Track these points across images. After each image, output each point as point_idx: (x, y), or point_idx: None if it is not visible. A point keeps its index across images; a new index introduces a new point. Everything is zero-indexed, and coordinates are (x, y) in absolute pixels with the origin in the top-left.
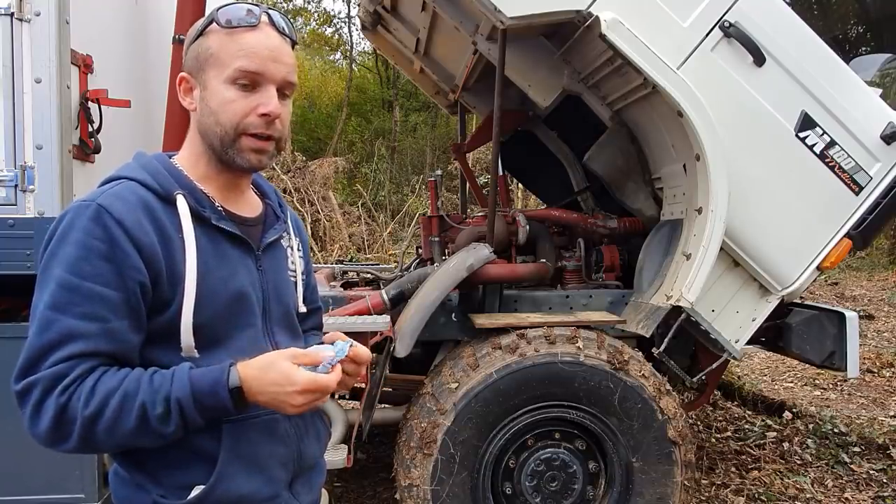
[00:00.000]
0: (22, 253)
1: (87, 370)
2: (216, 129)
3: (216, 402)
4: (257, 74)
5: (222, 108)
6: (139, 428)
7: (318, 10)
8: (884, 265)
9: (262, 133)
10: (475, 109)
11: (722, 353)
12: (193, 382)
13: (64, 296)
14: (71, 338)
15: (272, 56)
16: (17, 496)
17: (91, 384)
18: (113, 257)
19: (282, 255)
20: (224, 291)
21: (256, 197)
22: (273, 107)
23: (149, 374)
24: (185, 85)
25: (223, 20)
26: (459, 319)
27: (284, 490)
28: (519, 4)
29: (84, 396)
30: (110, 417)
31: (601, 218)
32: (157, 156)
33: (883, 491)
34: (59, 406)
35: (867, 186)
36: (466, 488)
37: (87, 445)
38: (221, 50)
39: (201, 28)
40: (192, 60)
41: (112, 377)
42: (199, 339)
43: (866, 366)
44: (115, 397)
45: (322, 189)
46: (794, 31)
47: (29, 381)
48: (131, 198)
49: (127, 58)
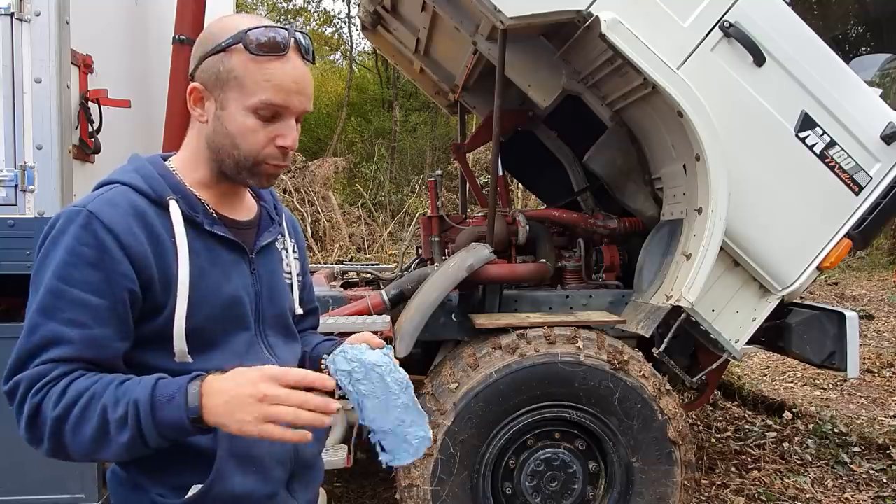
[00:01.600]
0: (22, 253)
1: (64, 373)
2: (233, 152)
3: (174, 409)
4: (281, 107)
5: (242, 136)
6: (99, 433)
7: (318, 10)
8: (884, 265)
9: (281, 164)
10: (475, 109)
11: (722, 353)
12: (158, 387)
13: (50, 301)
14: (54, 342)
15: (297, 89)
16: (17, 496)
17: (63, 385)
18: (101, 264)
19: (276, 257)
20: (217, 296)
21: (252, 199)
22: (291, 141)
23: (120, 379)
24: (196, 95)
25: (253, 47)
26: (459, 319)
27: (282, 489)
28: (519, 4)
29: (55, 397)
30: (75, 420)
31: (601, 218)
32: (151, 159)
33: (883, 491)
34: (32, 406)
35: (867, 186)
36: (466, 488)
37: (59, 448)
38: (247, 76)
39: (224, 45)
40: (210, 75)
41: (85, 380)
42: (192, 343)
43: (866, 366)
44: (82, 398)
45: (322, 189)
46: (794, 32)
47: (14, 381)
48: (123, 203)
49: (127, 58)
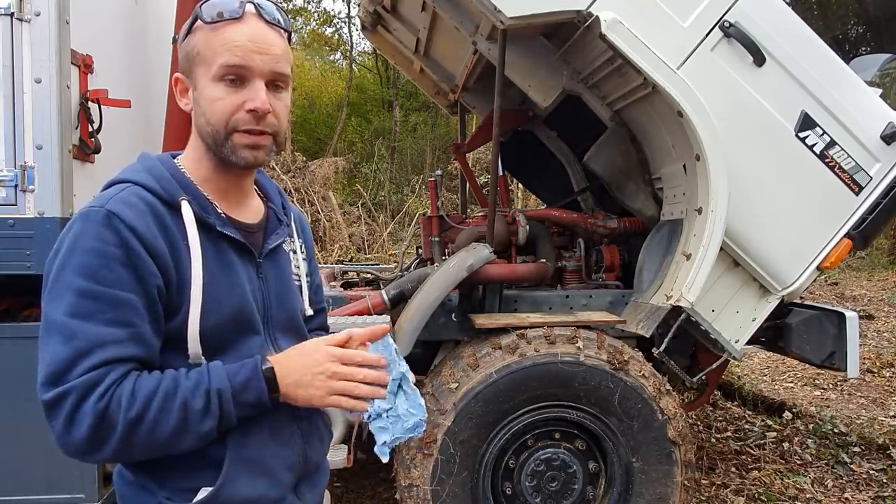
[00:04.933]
0: (22, 253)
1: (121, 375)
2: (208, 128)
3: (253, 390)
4: (242, 68)
5: (210, 106)
6: (180, 427)
7: (318, 10)
8: (884, 265)
9: (254, 129)
10: (475, 109)
11: (722, 353)
12: (230, 374)
13: (87, 304)
14: (100, 345)
15: (257, 48)
16: (17, 496)
17: (130, 388)
18: (131, 263)
19: (284, 260)
20: (228, 299)
21: (259, 200)
22: (260, 102)
23: (183, 372)
24: (180, 86)
25: (206, 15)
26: (459, 319)
27: (290, 493)
28: (519, 4)
29: (125, 400)
30: (153, 419)
31: (601, 218)
32: (161, 158)
33: (883, 491)
34: (97, 412)
35: (867, 186)
36: (466, 488)
37: (124, 451)
38: (206, 47)
39: (189, 26)
40: (183, 60)
41: (149, 379)
42: (204, 345)
43: (866, 366)
44: (156, 398)
45: (322, 189)
46: (794, 32)
47: (61, 391)
48: (139, 204)
49: (127, 58)
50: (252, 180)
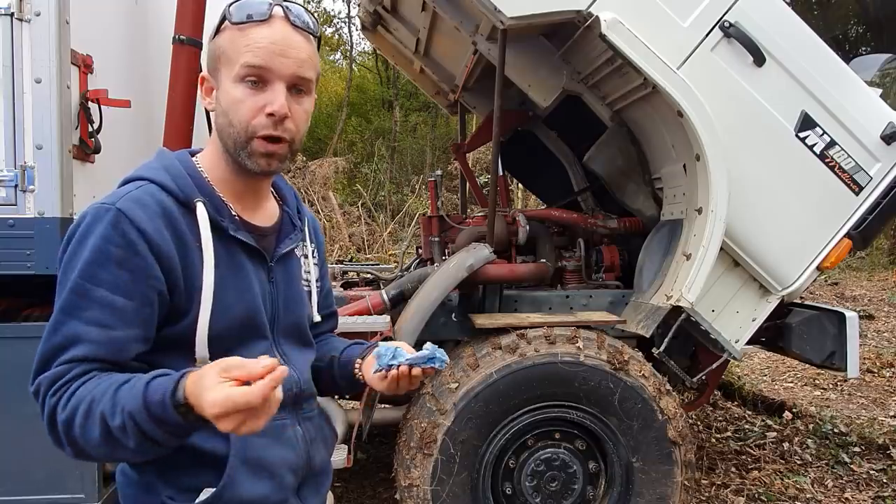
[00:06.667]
0: (22, 253)
1: (81, 373)
2: (229, 129)
3: (164, 413)
4: (263, 69)
5: (232, 108)
6: (106, 439)
7: (318, 10)
8: (884, 265)
9: (272, 135)
10: (475, 109)
11: (722, 353)
12: (147, 394)
13: (74, 300)
14: (74, 341)
15: (279, 50)
16: (17, 496)
17: (74, 388)
18: (129, 264)
19: (296, 265)
20: (238, 304)
21: (274, 203)
22: (278, 106)
23: (119, 382)
24: (206, 85)
25: (234, 16)
26: (459, 319)
27: (292, 496)
28: (519, 4)
29: (64, 400)
30: (80, 424)
31: (601, 218)
32: (180, 156)
33: (883, 491)
34: (49, 407)
35: (867, 186)
36: (466, 488)
37: (78, 450)
38: (231, 47)
39: (216, 27)
40: (209, 59)
41: (91, 383)
42: (211, 349)
43: (866, 366)
44: (83, 403)
45: (322, 189)
46: (794, 31)
47: (37, 382)
48: (152, 204)
49: (127, 58)
50: (269, 184)
